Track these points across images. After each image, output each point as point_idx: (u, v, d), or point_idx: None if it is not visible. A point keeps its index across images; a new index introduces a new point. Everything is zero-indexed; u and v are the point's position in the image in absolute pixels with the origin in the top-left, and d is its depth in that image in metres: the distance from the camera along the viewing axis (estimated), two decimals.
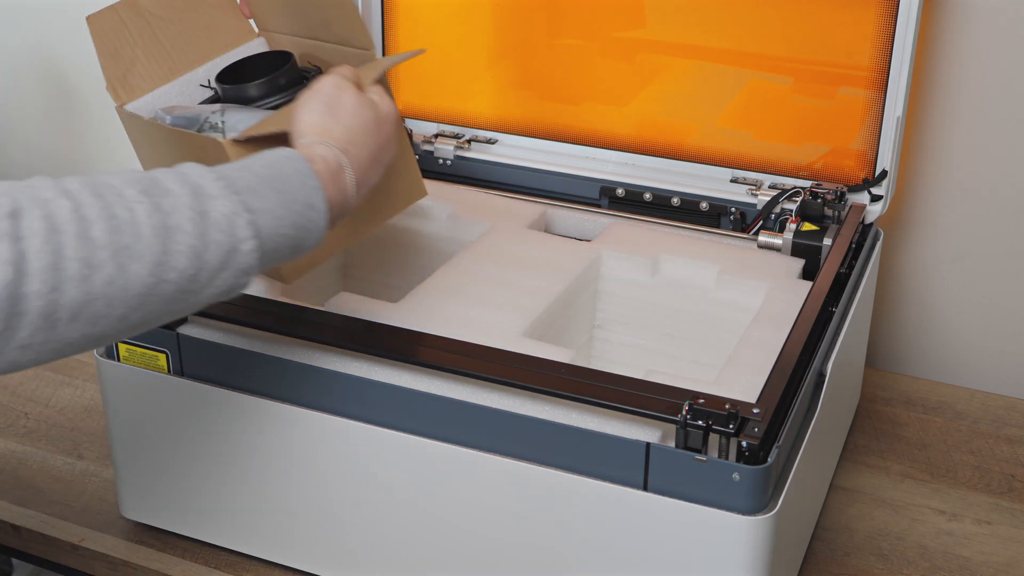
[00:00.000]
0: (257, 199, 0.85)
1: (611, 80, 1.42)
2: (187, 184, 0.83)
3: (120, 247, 0.78)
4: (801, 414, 1.03)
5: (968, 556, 1.19)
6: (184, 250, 0.81)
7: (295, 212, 0.88)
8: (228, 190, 0.84)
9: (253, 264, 0.85)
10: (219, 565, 1.16)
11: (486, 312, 1.13)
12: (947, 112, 1.41)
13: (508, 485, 0.99)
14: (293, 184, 0.89)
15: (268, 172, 0.88)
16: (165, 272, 0.80)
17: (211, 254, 0.82)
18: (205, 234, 0.82)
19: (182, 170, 0.84)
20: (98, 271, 0.77)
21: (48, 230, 0.75)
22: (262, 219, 0.85)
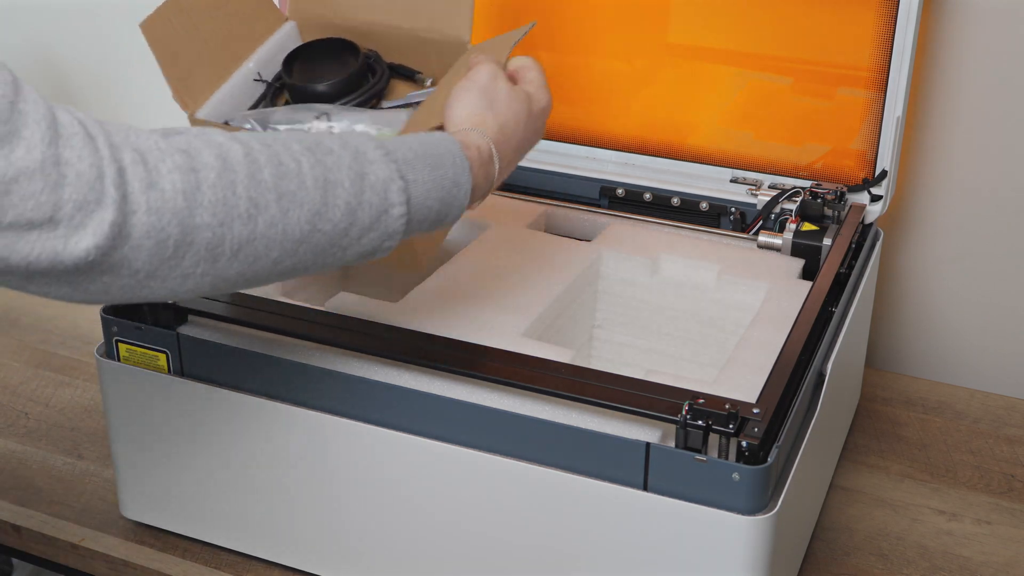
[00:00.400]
0: (411, 170, 0.90)
1: (611, 80, 1.42)
2: (349, 147, 0.87)
3: (285, 192, 0.81)
4: (801, 414, 1.03)
5: (968, 556, 1.19)
6: (341, 204, 0.85)
7: (443, 188, 0.93)
8: (387, 158, 0.88)
9: (399, 229, 0.90)
10: (219, 565, 1.16)
11: (486, 312, 1.13)
12: (947, 112, 1.41)
13: (508, 485, 1.00)
14: (445, 162, 0.94)
15: (424, 149, 0.93)
16: (322, 222, 0.84)
17: (364, 212, 0.86)
18: (361, 193, 0.86)
19: (344, 136, 0.89)
20: (263, 212, 0.80)
21: (222, 167, 0.78)
22: (414, 188, 0.90)
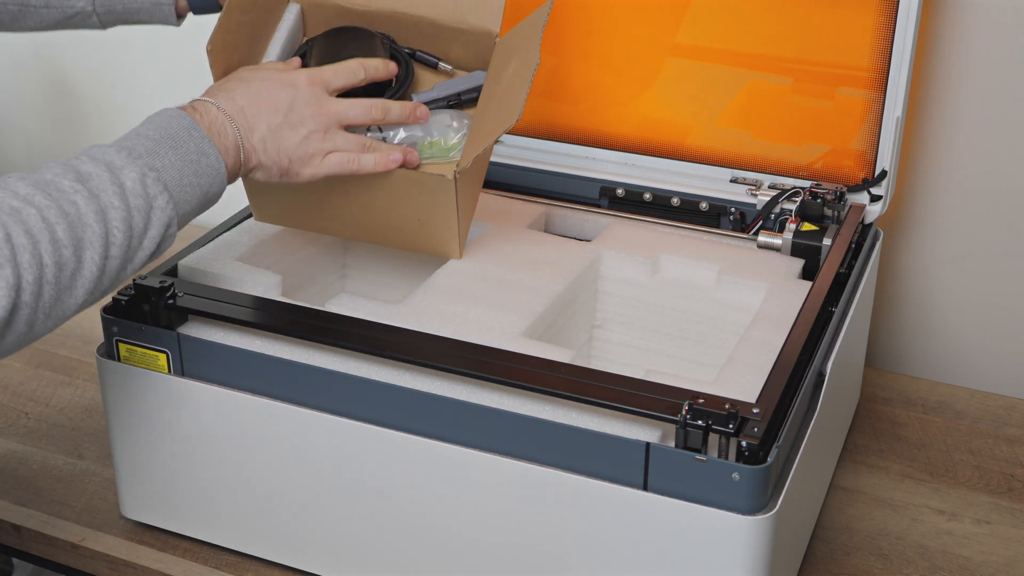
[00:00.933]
0: (156, 158, 0.96)
1: (611, 80, 1.42)
2: (100, 163, 0.93)
3: (77, 240, 0.89)
4: (801, 414, 1.03)
5: (968, 556, 1.19)
6: (119, 224, 0.92)
7: (192, 162, 0.99)
8: (131, 157, 0.95)
9: (172, 216, 0.96)
10: (219, 565, 1.16)
11: (486, 312, 1.13)
12: (947, 112, 1.41)
13: (508, 485, 1.00)
14: (183, 138, 0.99)
15: (158, 133, 0.98)
16: (110, 250, 0.91)
17: (136, 219, 0.93)
18: (128, 203, 0.93)
19: (89, 151, 0.95)
20: (65, 269, 0.88)
21: (31, 242, 0.85)
22: (166, 175, 0.96)
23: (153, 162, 0.96)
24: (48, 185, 0.89)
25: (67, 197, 0.89)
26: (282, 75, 1.08)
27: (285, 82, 1.08)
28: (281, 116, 1.06)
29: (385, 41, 1.22)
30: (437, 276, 1.20)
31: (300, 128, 1.07)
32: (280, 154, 1.07)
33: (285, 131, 1.07)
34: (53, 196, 0.88)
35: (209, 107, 1.04)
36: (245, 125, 1.05)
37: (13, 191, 0.88)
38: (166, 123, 0.99)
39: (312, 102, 1.08)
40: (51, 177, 0.90)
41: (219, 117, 1.03)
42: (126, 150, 0.95)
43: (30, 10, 1.22)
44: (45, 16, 1.23)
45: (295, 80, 1.08)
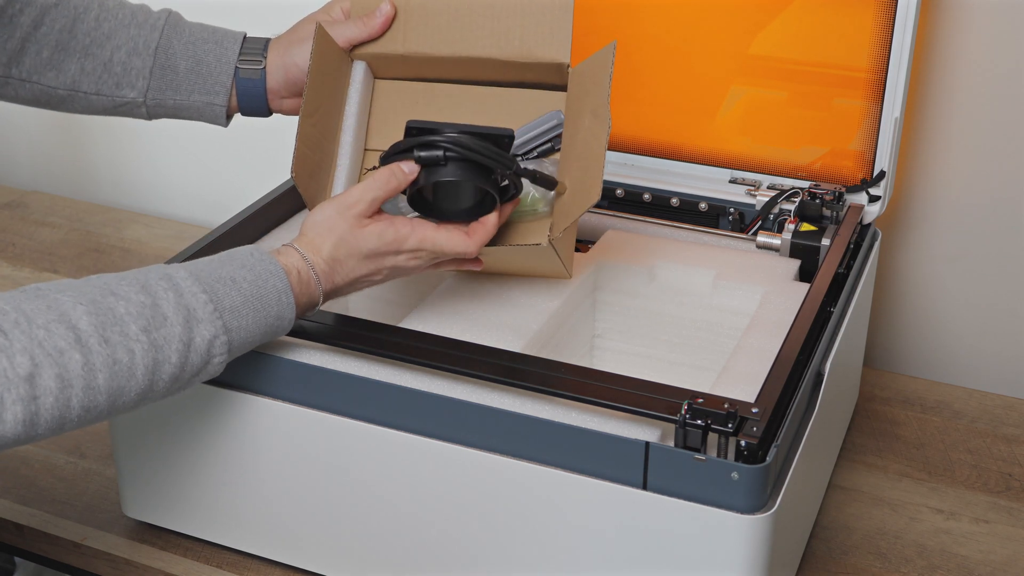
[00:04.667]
0: (237, 318, 0.97)
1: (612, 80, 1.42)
2: (182, 309, 0.94)
3: (116, 390, 0.90)
4: (800, 413, 1.04)
5: (966, 555, 1.19)
6: (166, 379, 0.93)
7: (266, 325, 1.00)
8: (215, 313, 0.95)
9: (218, 371, 0.98)
10: (221, 564, 1.16)
11: (484, 332, 1.13)
12: (945, 113, 1.42)
13: (508, 484, 1.00)
14: (271, 301, 1.00)
15: (252, 290, 0.99)
16: (147, 396, 0.93)
17: (186, 373, 0.95)
18: (186, 362, 0.94)
19: (179, 285, 0.95)
20: (92, 411, 0.89)
21: (60, 387, 0.86)
22: (237, 336, 0.98)
23: (232, 322, 0.96)
24: (113, 325, 0.89)
25: (126, 344, 0.90)
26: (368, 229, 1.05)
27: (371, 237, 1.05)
28: (367, 265, 1.06)
29: (509, 165, 1.06)
30: (435, 295, 1.20)
31: (379, 274, 1.08)
32: (354, 288, 1.08)
33: (368, 272, 1.07)
34: (111, 341, 0.89)
35: (311, 277, 1.03)
36: (332, 288, 1.05)
37: (72, 325, 0.87)
38: (263, 279, 0.99)
39: (409, 269, 1.08)
40: (123, 312, 0.90)
41: (315, 289, 1.03)
42: (214, 301, 0.95)
43: (79, 96, 1.20)
44: (94, 103, 1.21)
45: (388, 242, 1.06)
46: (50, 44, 1.18)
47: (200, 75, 1.20)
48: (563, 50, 1.17)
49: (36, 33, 1.17)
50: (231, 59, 1.20)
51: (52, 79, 1.19)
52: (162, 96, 1.21)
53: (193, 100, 1.21)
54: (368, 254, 1.05)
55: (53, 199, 1.97)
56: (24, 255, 1.78)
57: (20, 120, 2.04)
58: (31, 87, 1.20)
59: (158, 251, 1.79)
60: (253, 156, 1.83)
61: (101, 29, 1.19)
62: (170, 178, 1.96)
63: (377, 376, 1.04)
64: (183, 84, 1.20)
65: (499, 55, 1.18)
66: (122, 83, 1.20)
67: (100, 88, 1.20)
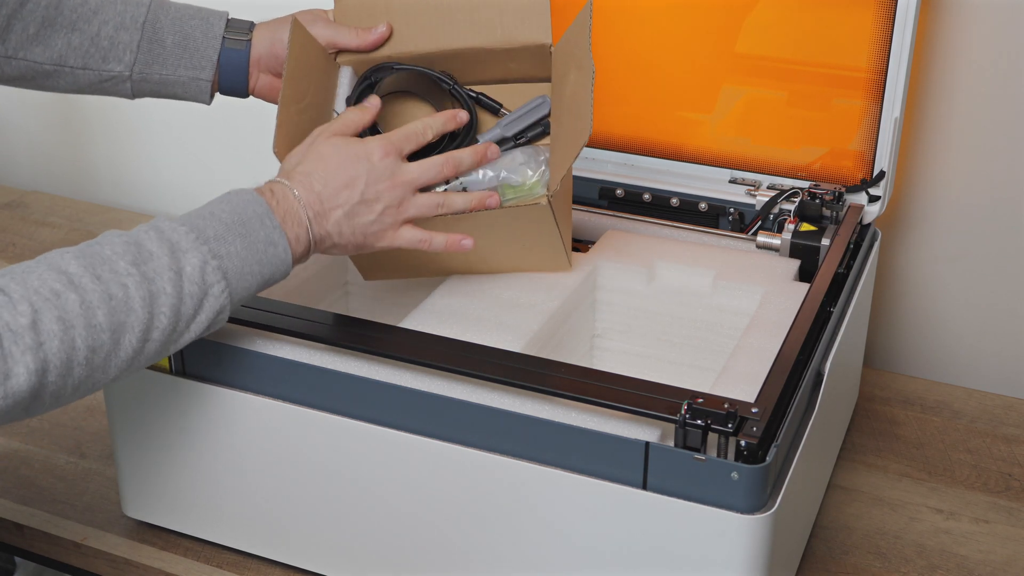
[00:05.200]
0: (223, 244, 0.98)
1: (610, 81, 1.43)
2: (165, 243, 0.95)
3: (117, 324, 0.90)
4: (799, 413, 1.04)
5: (965, 555, 1.19)
6: (166, 311, 0.93)
7: (259, 251, 1.00)
8: (198, 241, 0.96)
9: (224, 304, 0.98)
10: (221, 564, 1.17)
11: (483, 333, 1.13)
12: (944, 113, 1.42)
13: (507, 484, 1.00)
14: (255, 226, 1.00)
15: (232, 218, 0.99)
16: (150, 334, 0.93)
17: (187, 305, 0.95)
18: (181, 290, 0.94)
19: (160, 226, 0.96)
20: (99, 352, 0.90)
21: (63, 329, 0.87)
22: (229, 262, 0.98)
23: (219, 248, 0.97)
24: (102, 264, 0.91)
25: (118, 279, 0.91)
26: (356, 148, 1.08)
27: (360, 155, 1.07)
28: (357, 195, 1.06)
29: (447, 83, 1.22)
30: (436, 295, 1.20)
31: (375, 204, 1.07)
32: (355, 233, 1.07)
33: (361, 210, 1.07)
34: (103, 278, 0.90)
35: (287, 193, 1.04)
36: (320, 211, 1.05)
37: (63, 270, 0.89)
38: (241, 207, 1.00)
39: (386, 175, 1.08)
40: (109, 253, 0.92)
41: (294, 205, 1.04)
42: (195, 231, 0.96)
43: (65, 71, 1.21)
44: (80, 77, 1.21)
45: (369, 153, 1.07)
46: (36, 20, 1.19)
47: (187, 49, 1.21)
48: (544, 31, 1.19)
49: (22, 10, 1.18)
50: (218, 33, 1.22)
51: (39, 54, 1.20)
52: (148, 70, 1.22)
53: (179, 75, 1.22)
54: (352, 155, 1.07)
55: (53, 199, 1.98)
56: (24, 255, 1.78)
57: (20, 120, 2.04)
58: (17, 63, 1.20)
59: None
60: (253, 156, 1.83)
61: (88, 4, 1.20)
62: (170, 178, 1.96)
63: (377, 376, 1.05)
64: (170, 58, 1.21)
65: (482, 44, 1.20)
66: (109, 57, 1.20)
67: (87, 62, 1.21)
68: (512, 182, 1.15)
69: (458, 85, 1.22)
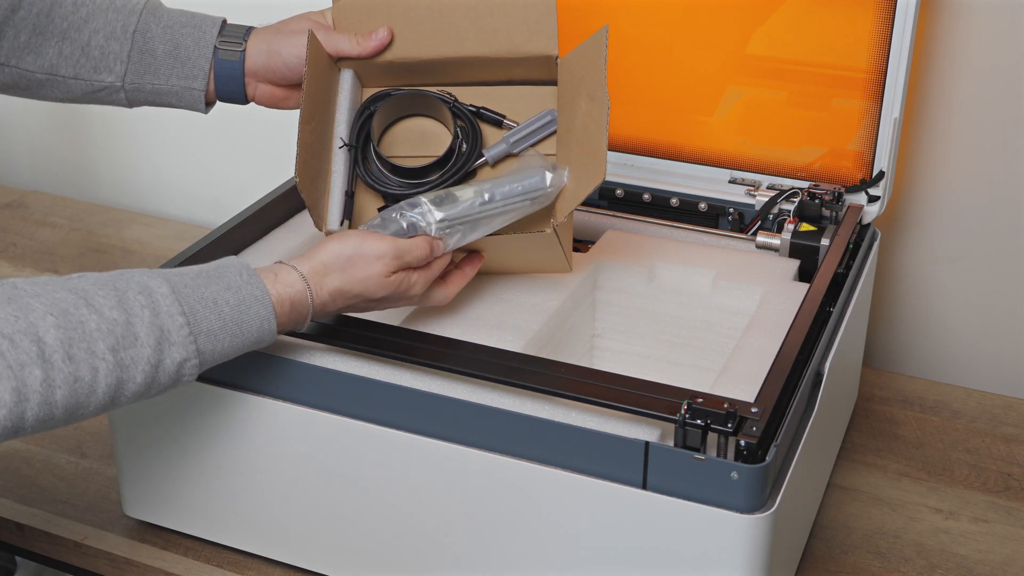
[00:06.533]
0: (212, 342, 0.96)
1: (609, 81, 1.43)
2: (155, 330, 0.92)
3: (74, 405, 0.88)
4: (799, 413, 1.04)
5: (964, 554, 1.19)
6: (128, 395, 0.92)
7: (242, 348, 0.99)
8: (189, 337, 0.94)
9: (185, 383, 0.96)
10: (221, 563, 1.17)
11: (483, 332, 1.13)
12: (944, 113, 1.42)
13: (508, 484, 1.00)
14: (251, 328, 0.98)
15: (233, 315, 0.97)
16: (106, 409, 0.91)
17: (152, 390, 0.93)
18: (152, 382, 0.93)
19: (157, 304, 0.92)
20: (48, 423, 0.88)
21: (16, 401, 0.85)
22: (209, 358, 0.96)
23: (206, 345, 0.95)
24: (80, 341, 0.88)
25: (91, 362, 0.88)
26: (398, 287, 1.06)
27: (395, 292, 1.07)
28: (366, 304, 1.07)
29: (447, 101, 1.21)
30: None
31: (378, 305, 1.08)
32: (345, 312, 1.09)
33: (366, 306, 1.08)
34: (75, 359, 0.87)
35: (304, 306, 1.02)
36: (326, 312, 1.05)
37: (38, 338, 0.86)
38: (246, 305, 0.98)
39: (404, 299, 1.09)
40: (93, 328, 0.88)
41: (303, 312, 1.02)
42: (191, 323, 0.94)
43: (57, 80, 1.19)
44: (72, 87, 1.20)
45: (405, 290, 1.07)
46: (28, 28, 1.17)
47: (178, 59, 1.20)
48: (550, 43, 1.18)
49: (14, 17, 1.17)
50: (209, 42, 1.20)
51: (30, 63, 1.19)
52: (140, 80, 1.20)
53: (172, 84, 1.20)
54: (379, 300, 1.07)
55: (53, 199, 1.98)
56: (25, 255, 1.78)
57: (20, 120, 2.04)
58: (9, 71, 1.19)
59: (158, 251, 1.79)
60: (253, 156, 1.83)
61: (79, 13, 1.18)
62: (170, 178, 1.96)
63: (377, 376, 1.05)
64: (161, 68, 1.20)
65: (487, 53, 1.19)
66: (100, 67, 1.19)
67: (78, 72, 1.19)
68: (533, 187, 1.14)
69: (458, 102, 1.21)
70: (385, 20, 1.19)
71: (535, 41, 1.18)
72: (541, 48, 1.18)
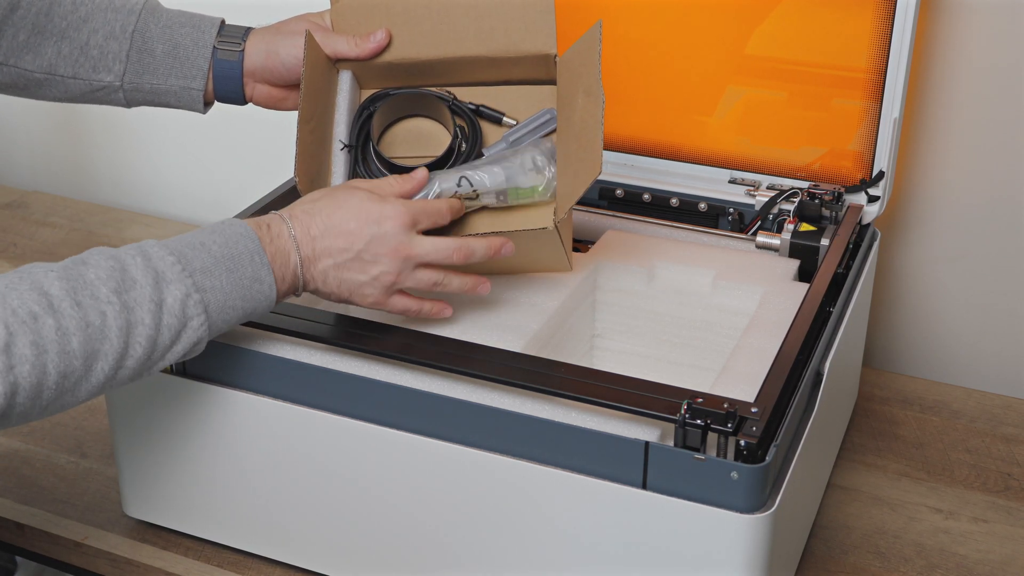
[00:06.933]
0: (209, 278, 0.97)
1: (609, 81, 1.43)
2: (150, 271, 0.94)
3: (91, 352, 0.90)
4: (799, 413, 1.04)
5: (964, 554, 1.19)
6: (142, 341, 0.93)
7: (243, 287, 0.99)
8: (183, 272, 0.95)
9: (202, 336, 0.97)
10: (221, 563, 1.17)
11: (484, 332, 1.13)
12: (944, 113, 1.42)
13: (508, 484, 1.00)
14: (243, 262, 0.99)
15: (222, 251, 0.99)
16: (124, 362, 0.92)
17: (164, 336, 0.94)
18: (160, 321, 0.94)
19: (148, 251, 0.95)
20: (70, 377, 0.89)
21: (36, 354, 0.87)
22: (212, 296, 0.97)
23: (204, 281, 0.96)
24: (84, 288, 0.90)
25: (98, 307, 0.90)
26: (372, 207, 1.06)
27: (372, 217, 1.05)
28: (353, 252, 1.05)
29: (447, 100, 1.21)
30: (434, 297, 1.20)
31: (371, 267, 1.06)
32: (341, 287, 1.06)
33: (353, 266, 1.05)
34: (82, 304, 0.89)
35: (283, 230, 1.03)
36: (311, 255, 1.04)
37: (44, 291, 0.88)
38: (232, 241, 0.99)
39: (392, 243, 1.06)
40: (93, 277, 0.91)
41: (287, 244, 1.03)
42: (182, 261, 0.95)
43: (56, 79, 1.19)
44: (71, 87, 1.20)
45: (383, 217, 1.05)
46: (27, 27, 1.18)
47: (177, 58, 1.20)
48: (549, 41, 1.18)
49: (12, 16, 1.17)
50: (208, 42, 1.20)
51: (29, 62, 1.19)
52: (139, 80, 1.20)
53: (170, 84, 1.20)
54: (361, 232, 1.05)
55: (54, 199, 1.98)
56: (25, 255, 1.78)
57: (21, 120, 2.04)
58: (8, 71, 1.19)
59: None
60: (253, 156, 1.84)
61: (78, 12, 1.19)
62: (170, 178, 1.96)
63: (377, 376, 1.05)
64: (160, 68, 1.20)
65: (486, 52, 1.19)
66: (99, 67, 1.19)
67: (77, 72, 1.19)
68: (521, 184, 1.15)
69: (457, 100, 1.22)
70: (383, 21, 1.19)
71: (533, 40, 1.18)
72: (539, 47, 1.18)
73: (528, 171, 1.15)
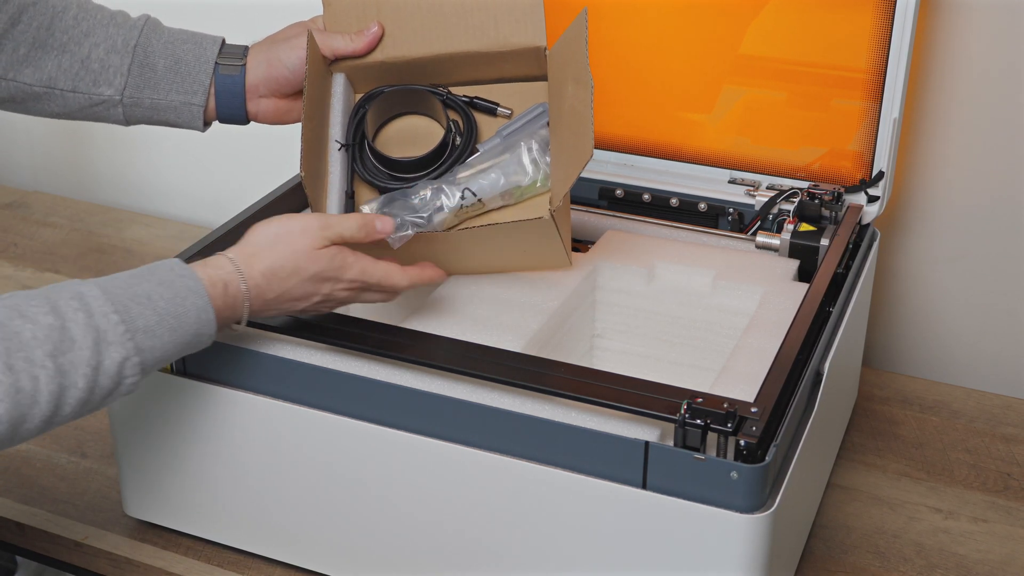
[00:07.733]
0: (150, 338, 0.94)
1: (609, 82, 1.43)
2: (91, 331, 0.91)
3: (18, 417, 0.87)
4: (799, 413, 1.04)
5: (964, 554, 1.20)
6: (72, 403, 0.91)
7: (183, 343, 0.98)
8: (126, 335, 0.93)
9: (132, 390, 0.95)
10: (222, 563, 1.17)
11: (484, 332, 1.13)
12: (943, 114, 1.42)
13: (508, 483, 1.00)
14: (188, 320, 0.97)
15: (168, 307, 0.96)
16: (53, 420, 0.90)
17: (96, 396, 0.92)
18: (95, 386, 0.91)
19: (90, 305, 0.92)
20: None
21: None
22: (150, 356, 0.95)
23: (144, 342, 0.94)
24: (19, 351, 0.87)
25: (30, 371, 0.87)
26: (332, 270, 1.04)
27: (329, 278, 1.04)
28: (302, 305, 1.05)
29: (440, 95, 1.22)
30: (433, 297, 1.20)
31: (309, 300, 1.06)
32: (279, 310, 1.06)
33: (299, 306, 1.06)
34: (15, 368, 0.86)
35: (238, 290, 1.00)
36: (261, 308, 1.03)
37: None
38: (180, 297, 0.97)
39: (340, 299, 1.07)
40: (29, 337, 0.88)
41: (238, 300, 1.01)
42: (126, 321, 0.93)
43: (55, 93, 1.18)
44: (70, 101, 1.19)
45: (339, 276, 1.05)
46: (27, 41, 1.17)
47: (179, 73, 1.19)
48: (538, 34, 1.19)
49: (13, 30, 1.17)
50: (210, 58, 1.20)
51: (28, 76, 1.18)
52: (140, 95, 1.19)
53: (171, 99, 1.20)
54: (312, 276, 1.04)
55: (54, 199, 1.98)
56: (26, 255, 1.78)
57: (21, 120, 2.04)
58: (7, 85, 1.19)
59: (159, 251, 1.79)
60: (253, 156, 1.83)
61: (80, 27, 1.18)
62: (170, 178, 1.96)
63: (377, 376, 1.05)
64: (161, 82, 1.19)
65: (476, 47, 1.20)
66: (99, 80, 1.19)
67: (77, 85, 1.19)
68: (521, 183, 1.16)
69: (451, 94, 1.23)
70: (375, 19, 1.21)
71: (523, 33, 1.19)
72: (529, 40, 1.19)
73: (524, 166, 1.16)
